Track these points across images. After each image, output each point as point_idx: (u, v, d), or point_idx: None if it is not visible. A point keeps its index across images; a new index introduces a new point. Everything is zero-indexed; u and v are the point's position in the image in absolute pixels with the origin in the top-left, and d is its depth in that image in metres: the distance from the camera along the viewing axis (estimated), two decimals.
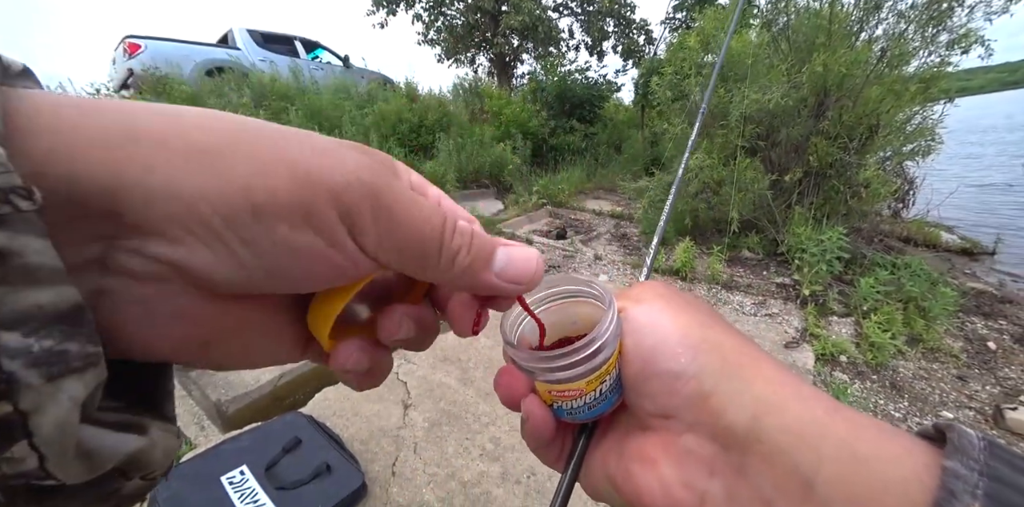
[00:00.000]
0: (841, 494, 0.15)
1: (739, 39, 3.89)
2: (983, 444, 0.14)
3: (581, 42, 11.31)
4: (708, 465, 0.18)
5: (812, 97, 3.46)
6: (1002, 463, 0.14)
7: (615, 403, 0.24)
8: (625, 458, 0.21)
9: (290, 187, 0.14)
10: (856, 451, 0.15)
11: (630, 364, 0.21)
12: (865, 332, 2.48)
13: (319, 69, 7.05)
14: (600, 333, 0.21)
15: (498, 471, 1.37)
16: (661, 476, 0.19)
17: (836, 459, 0.15)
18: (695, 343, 0.20)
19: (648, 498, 0.19)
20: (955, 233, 4.69)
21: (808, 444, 0.16)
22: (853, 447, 0.15)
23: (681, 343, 0.20)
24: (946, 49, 3.21)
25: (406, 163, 1.39)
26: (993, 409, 2.02)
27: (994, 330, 2.74)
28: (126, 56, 5.32)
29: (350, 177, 0.15)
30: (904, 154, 3.57)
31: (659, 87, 4.35)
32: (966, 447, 0.14)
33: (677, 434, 0.20)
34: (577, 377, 0.22)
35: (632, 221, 5.05)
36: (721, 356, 0.20)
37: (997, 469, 0.13)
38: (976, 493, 0.13)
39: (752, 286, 3.22)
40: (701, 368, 0.19)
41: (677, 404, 0.20)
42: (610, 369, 0.22)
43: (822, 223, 3.29)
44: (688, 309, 0.22)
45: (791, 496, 0.16)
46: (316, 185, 0.14)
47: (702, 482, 0.18)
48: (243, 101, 4.68)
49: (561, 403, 0.23)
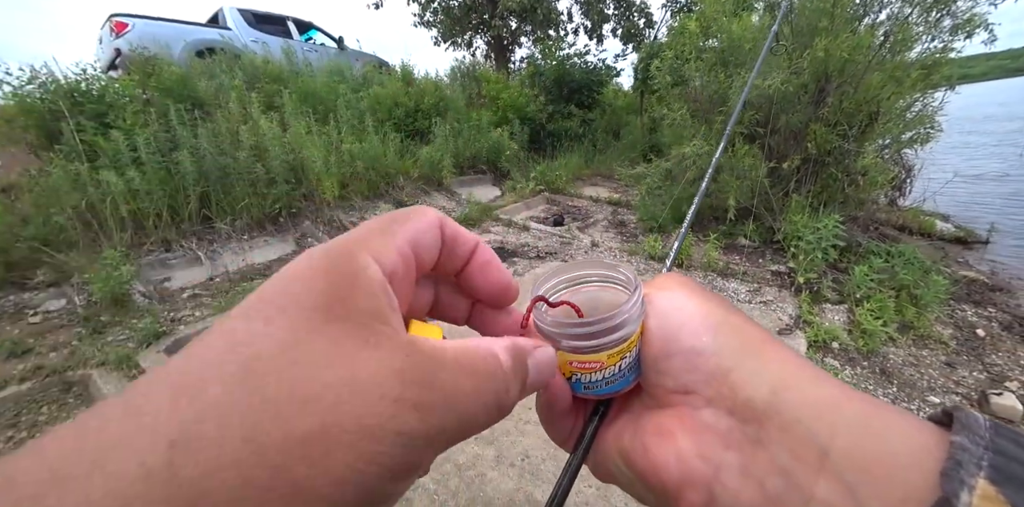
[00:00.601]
0: (855, 462, 0.15)
1: (740, 23, 3.82)
2: (988, 424, 0.15)
3: (580, 25, 11.08)
4: (724, 438, 0.19)
5: (813, 83, 3.42)
6: (1006, 440, 0.14)
7: (632, 383, 0.24)
8: (641, 433, 0.22)
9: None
10: (869, 425, 0.16)
11: (652, 344, 0.22)
12: (857, 319, 2.51)
13: (313, 51, 6.88)
14: (626, 308, 0.22)
15: (492, 454, 1.39)
16: (678, 448, 0.20)
17: (850, 431, 0.16)
18: (716, 324, 0.21)
19: (664, 470, 0.20)
20: (950, 222, 4.71)
21: (824, 417, 0.17)
22: (867, 421, 0.16)
23: (704, 323, 0.21)
24: (949, 34, 3.16)
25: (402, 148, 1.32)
26: (979, 394, 2.06)
27: (983, 318, 2.77)
28: (113, 35, 5.16)
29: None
30: (903, 142, 3.55)
31: (659, 71, 4.28)
32: (972, 425, 0.15)
33: (695, 408, 0.20)
34: (600, 348, 0.22)
35: (630, 208, 5.03)
36: (741, 337, 0.21)
37: (1001, 444, 0.14)
38: (981, 464, 0.14)
39: (748, 273, 3.24)
40: (722, 346, 0.20)
41: (698, 380, 0.20)
42: (631, 346, 0.23)
43: (819, 211, 3.29)
44: (709, 297, 0.23)
45: (807, 464, 0.16)
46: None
47: (718, 454, 0.19)
48: (235, 83, 4.57)
49: (580, 375, 0.24)
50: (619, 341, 0.22)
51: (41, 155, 3.43)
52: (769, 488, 0.17)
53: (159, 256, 3.13)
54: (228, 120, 3.94)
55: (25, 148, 3.61)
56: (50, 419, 1.81)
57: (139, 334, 2.28)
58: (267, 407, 0.12)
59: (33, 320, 2.44)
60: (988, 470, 0.13)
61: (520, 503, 1.21)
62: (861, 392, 0.18)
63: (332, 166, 4.08)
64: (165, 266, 3.10)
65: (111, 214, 3.02)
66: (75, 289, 2.67)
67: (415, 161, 5.08)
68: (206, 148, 3.50)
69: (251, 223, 3.63)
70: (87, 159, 3.19)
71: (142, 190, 3.14)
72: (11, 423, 1.78)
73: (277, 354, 0.13)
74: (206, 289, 2.99)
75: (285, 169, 3.78)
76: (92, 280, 2.55)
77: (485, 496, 1.24)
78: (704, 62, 3.91)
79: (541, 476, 1.29)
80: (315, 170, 3.94)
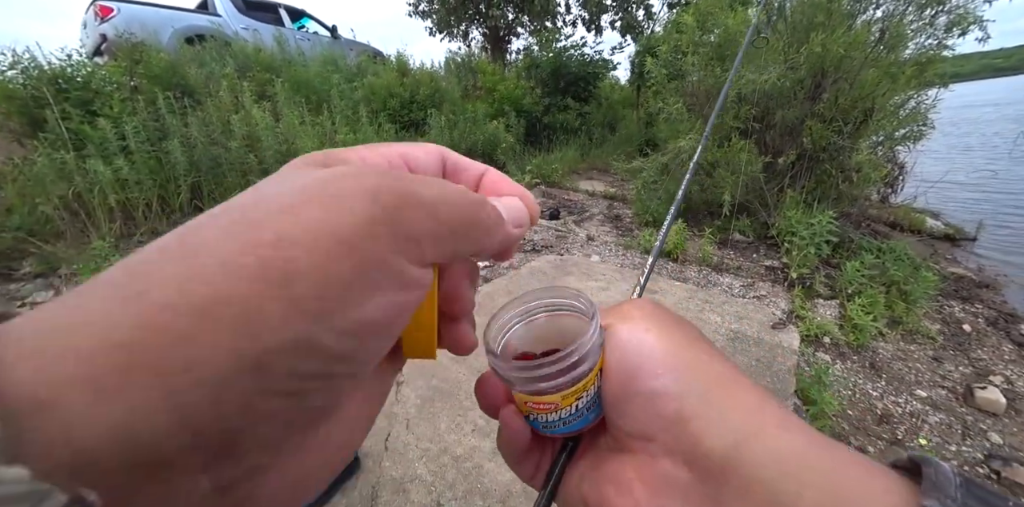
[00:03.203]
0: None
1: (735, 17, 3.81)
2: (959, 481, 0.14)
3: (578, 17, 10.96)
4: (683, 493, 0.18)
5: (809, 78, 3.42)
6: (977, 501, 0.14)
7: (593, 421, 0.23)
8: (601, 480, 0.21)
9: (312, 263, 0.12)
10: (837, 486, 0.15)
11: (611, 381, 0.21)
12: (849, 314, 2.55)
13: (305, 39, 6.75)
14: (579, 346, 0.21)
15: (489, 446, 1.39)
16: (636, 501, 0.19)
17: (816, 494, 0.15)
18: (679, 364, 0.20)
19: None
20: (940, 219, 4.78)
21: (789, 476, 0.15)
22: (834, 482, 0.15)
23: (664, 363, 0.20)
24: (944, 31, 3.18)
25: (397, 139, 1.36)
26: (964, 388, 2.11)
27: (970, 313, 2.83)
28: (97, 20, 5.02)
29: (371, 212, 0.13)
30: (896, 139, 3.58)
31: (655, 66, 4.26)
32: (943, 484, 0.14)
33: (654, 457, 0.19)
34: (553, 390, 0.21)
35: (625, 202, 5.04)
36: (705, 379, 0.19)
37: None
38: None
39: (742, 268, 3.26)
40: (683, 390, 0.19)
41: (656, 426, 0.19)
42: (588, 385, 0.22)
43: (813, 207, 3.32)
44: (676, 330, 0.22)
45: None
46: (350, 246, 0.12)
47: None
48: (226, 71, 4.47)
49: (536, 415, 0.23)
50: (572, 381, 0.21)
51: (25, 143, 3.35)
52: None
53: None
54: (219, 109, 3.86)
55: (8, 136, 3.51)
56: None
57: None
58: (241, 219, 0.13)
59: (20, 312, 2.40)
60: None
61: (517, 494, 1.22)
62: (829, 440, 0.17)
63: None
64: None
65: (99, 204, 2.96)
66: (63, 280, 2.62)
67: None
68: (197, 137, 3.44)
69: None
70: (73, 147, 3.11)
71: (131, 179, 3.07)
72: None
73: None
74: None
75: (278, 159, 3.72)
76: (81, 271, 2.50)
77: (483, 487, 1.25)
78: (700, 56, 3.90)
79: None
80: None
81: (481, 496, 1.22)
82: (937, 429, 1.89)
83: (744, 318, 2.52)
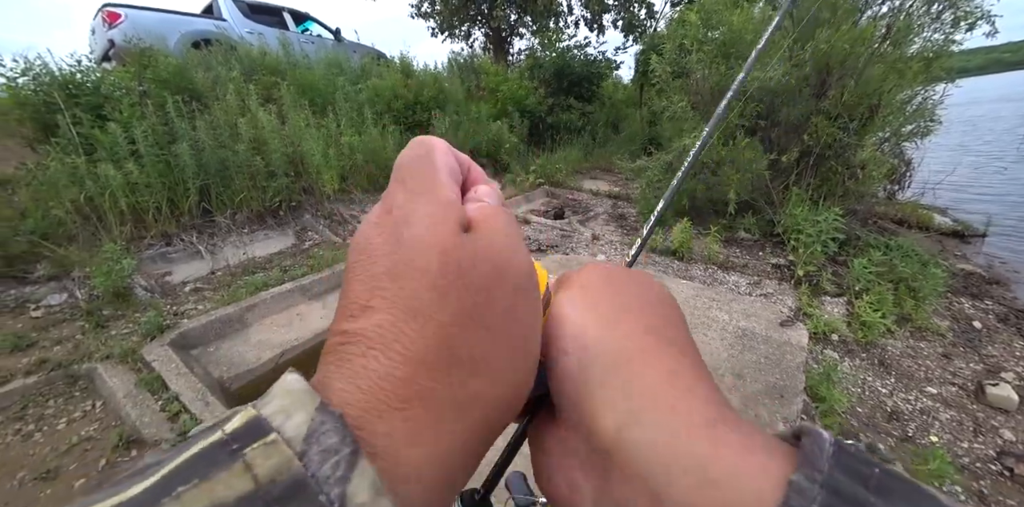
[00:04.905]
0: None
1: (741, 14, 3.80)
2: (832, 450, 0.14)
3: (580, 17, 10.96)
4: (581, 464, 0.19)
5: (815, 75, 3.41)
6: (845, 472, 0.14)
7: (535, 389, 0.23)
8: (534, 446, 0.22)
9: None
10: (708, 472, 0.15)
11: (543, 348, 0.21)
12: (856, 311, 2.54)
13: (309, 42, 6.80)
14: None
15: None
16: (549, 464, 0.20)
17: (685, 479, 0.15)
18: (587, 343, 0.20)
19: (545, 487, 0.21)
20: (947, 216, 4.74)
21: (660, 462, 0.16)
22: (706, 468, 0.15)
23: (574, 341, 0.20)
24: (951, 26, 3.16)
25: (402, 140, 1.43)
26: (975, 385, 2.09)
27: (980, 310, 2.81)
28: (106, 26, 5.08)
29: None
30: (903, 135, 3.56)
31: (659, 64, 4.26)
32: (814, 455, 0.14)
33: (565, 428, 0.20)
34: None
35: (630, 201, 5.04)
36: (610, 359, 0.19)
37: (838, 481, 0.13)
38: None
39: (748, 266, 3.26)
40: (585, 368, 0.19)
41: (562, 403, 0.20)
42: None
43: (819, 204, 3.31)
44: (604, 301, 0.22)
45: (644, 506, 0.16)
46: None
47: (578, 479, 0.19)
48: (232, 75, 4.52)
49: None
50: None
51: (38, 148, 3.40)
52: None
53: (159, 250, 3.12)
54: (226, 112, 3.90)
55: (21, 141, 3.57)
56: (58, 412, 1.81)
57: (143, 327, 2.28)
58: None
59: (35, 314, 2.44)
60: None
61: None
62: (722, 422, 0.17)
63: (331, 159, 4.05)
64: (166, 260, 3.09)
65: (110, 208, 3.01)
66: (76, 283, 2.66)
67: None
68: (204, 140, 3.47)
69: (251, 216, 3.61)
70: (84, 152, 3.16)
71: (141, 183, 3.11)
72: (18, 416, 1.79)
73: None
74: (208, 283, 2.98)
75: (284, 162, 3.76)
76: (93, 274, 2.54)
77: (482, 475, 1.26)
78: (705, 54, 3.89)
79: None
80: (314, 163, 3.92)
81: None
82: (948, 426, 1.88)
83: (752, 316, 2.51)
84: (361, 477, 0.13)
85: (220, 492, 0.12)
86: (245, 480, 0.12)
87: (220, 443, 0.13)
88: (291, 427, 0.13)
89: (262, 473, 0.12)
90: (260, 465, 0.12)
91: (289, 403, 0.14)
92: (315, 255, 3.32)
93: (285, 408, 0.14)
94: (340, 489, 0.13)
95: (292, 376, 0.15)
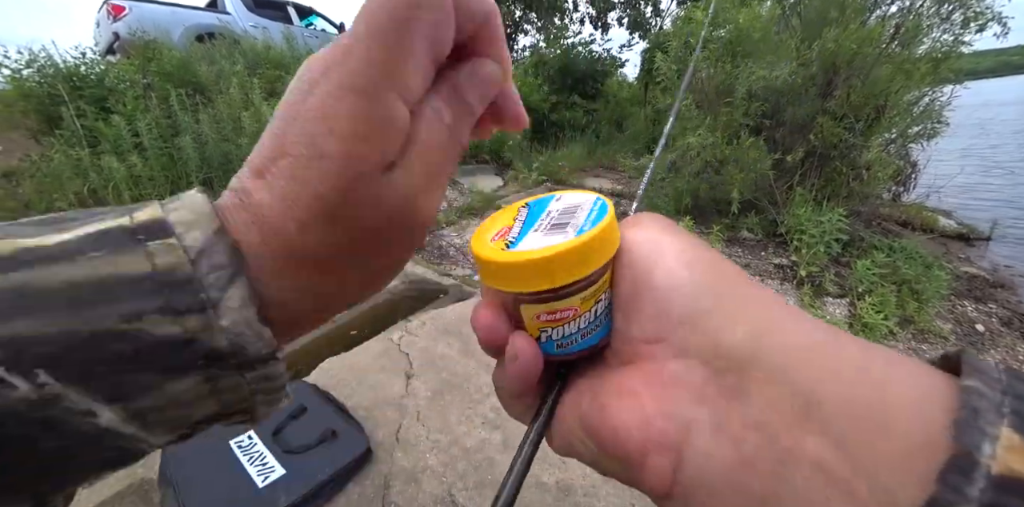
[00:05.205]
0: (844, 412, 0.13)
1: (748, 13, 3.77)
2: (1002, 366, 0.13)
3: (585, 14, 10.91)
4: (697, 392, 0.16)
5: (821, 75, 3.39)
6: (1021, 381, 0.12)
7: (607, 334, 0.21)
8: (600, 394, 0.19)
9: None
10: (864, 371, 0.14)
11: (623, 282, 0.20)
12: (859, 313, 2.53)
13: (314, 37, 6.79)
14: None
15: (499, 439, 1.41)
16: (642, 407, 0.17)
17: (840, 379, 0.14)
18: (692, 260, 0.18)
19: (625, 433, 0.17)
20: (953, 218, 4.71)
21: (812, 363, 0.15)
22: (861, 367, 0.14)
23: (678, 259, 0.19)
24: (961, 27, 3.13)
25: None
26: None
27: (984, 313, 2.79)
28: (110, 19, 5.09)
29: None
30: (910, 136, 3.54)
31: (664, 62, 4.23)
32: (985, 368, 0.13)
33: (664, 362, 0.17)
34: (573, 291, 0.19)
35: (632, 200, 5.02)
36: (719, 275, 0.18)
37: (1020, 388, 0.12)
38: (1003, 411, 0.11)
39: (750, 266, 3.25)
40: (698, 285, 0.18)
41: (670, 324, 0.17)
42: (604, 286, 0.20)
43: (822, 205, 3.29)
44: (685, 234, 0.21)
45: (789, 416, 0.14)
46: None
47: (689, 411, 0.16)
48: (236, 69, 4.51)
49: (551, 332, 0.20)
50: (600, 274, 0.19)
51: (42, 140, 3.40)
52: (746, 446, 0.14)
53: None
54: (230, 106, 3.90)
55: (26, 133, 3.58)
56: None
57: None
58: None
59: None
60: (1011, 417, 0.11)
61: (528, 486, 1.23)
62: (856, 338, 0.15)
63: None
64: None
65: (114, 200, 3.01)
66: None
67: None
68: (208, 134, 3.48)
69: None
70: (88, 144, 3.17)
71: (144, 176, 3.12)
72: None
73: None
74: None
75: None
76: None
77: (494, 479, 1.26)
78: (711, 52, 3.87)
79: (547, 460, 1.32)
80: None
81: (492, 487, 1.23)
82: None
83: None
84: (236, 288, 0.16)
85: (124, 266, 0.14)
86: (146, 265, 0.15)
87: (128, 229, 0.15)
88: (188, 239, 0.16)
89: (160, 264, 0.15)
90: (159, 257, 0.15)
91: (193, 219, 0.16)
92: None
93: (187, 222, 0.16)
94: (219, 294, 0.15)
95: (200, 196, 0.17)
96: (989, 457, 0.11)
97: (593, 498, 1.23)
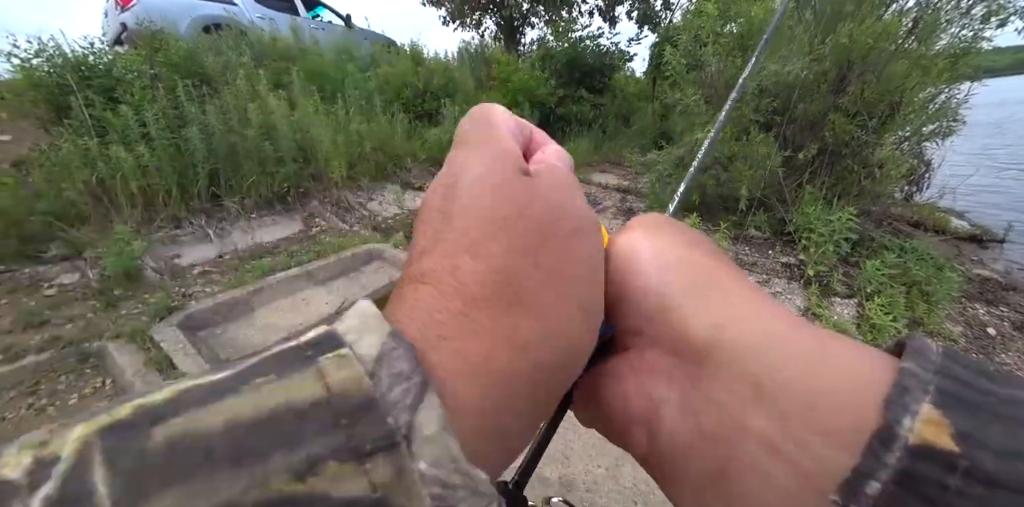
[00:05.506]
0: (787, 393, 0.15)
1: (761, 6, 3.70)
2: (940, 349, 0.15)
3: (594, 7, 10.77)
4: (666, 377, 0.19)
5: (834, 70, 3.32)
6: (956, 364, 0.14)
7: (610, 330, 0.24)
8: (598, 376, 0.22)
9: None
10: (813, 358, 0.15)
11: (608, 286, 0.22)
12: (867, 313, 2.50)
13: (320, 28, 6.75)
14: None
15: None
16: (623, 388, 0.20)
17: (789, 365, 0.16)
18: (666, 263, 0.21)
19: (613, 410, 0.21)
20: (965, 219, 4.64)
21: (765, 352, 0.16)
22: (810, 355, 0.16)
23: (652, 262, 0.21)
24: (980, 22, 3.05)
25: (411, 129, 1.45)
26: None
27: (995, 316, 2.75)
28: (118, 9, 5.08)
29: None
30: (924, 134, 3.47)
31: (673, 56, 4.17)
32: (923, 350, 0.14)
33: (643, 349, 0.20)
34: None
35: (639, 196, 4.99)
36: (691, 275, 0.20)
37: (950, 368, 0.14)
38: (928, 389, 0.13)
39: (757, 265, 3.22)
40: (666, 285, 0.20)
41: (642, 320, 0.20)
42: None
43: (832, 204, 3.24)
44: (669, 234, 0.23)
45: (742, 397, 0.16)
46: None
47: (661, 392, 0.19)
48: (242, 60, 4.50)
49: None
50: None
51: (51, 130, 3.42)
52: (704, 422, 0.17)
53: (169, 232, 3.14)
54: (236, 97, 3.89)
55: (35, 123, 3.59)
56: (69, 388, 1.85)
57: (152, 308, 2.31)
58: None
59: (48, 292, 2.47)
60: (934, 394, 0.13)
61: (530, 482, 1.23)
62: (817, 327, 0.17)
63: (340, 146, 4.04)
64: (175, 242, 3.11)
65: (121, 190, 3.02)
66: (88, 263, 2.69)
67: (423, 143, 5.02)
68: (215, 125, 3.47)
69: (259, 202, 3.62)
70: (96, 134, 3.17)
71: (151, 166, 3.13)
72: (31, 391, 1.82)
73: None
74: (216, 266, 3.01)
75: (293, 148, 3.75)
76: (104, 254, 2.57)
77: None
78: (721, 46, 3.80)
79: (550, 455, 1.32)
80: (323, 150, 3.91)
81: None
82: None
83: None
84: (429, 408, 0.13)
85: (295, 392, 0.12)
86: (318, 387, 0.12)
87: (295, 348, 0.13)
88: (363, 346, 0.13)
89: (334, 383, 0.12)
90: (333, 375, 0.12)
91: (360, 324, 0.14)
92: (322, 241, 3.33)
93: (357, 328, 0.14)
94: (408, 417, 0.12)
95: (365, 302, 0.15)
96: (907, 430, 0.12)
97: (595, 494, 1.22)
